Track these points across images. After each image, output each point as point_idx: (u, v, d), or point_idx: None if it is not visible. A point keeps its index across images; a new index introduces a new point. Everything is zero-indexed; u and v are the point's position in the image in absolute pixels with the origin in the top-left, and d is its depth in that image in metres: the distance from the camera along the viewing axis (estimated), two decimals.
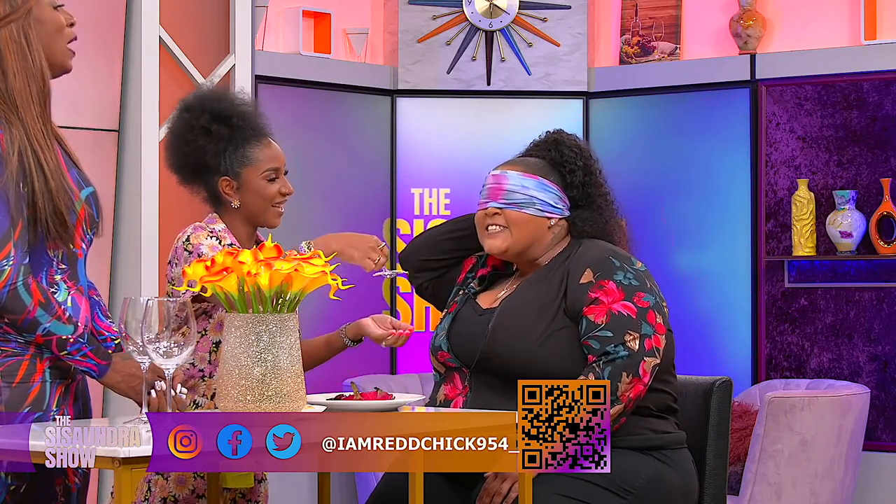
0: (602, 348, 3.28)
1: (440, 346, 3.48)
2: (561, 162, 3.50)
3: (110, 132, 4.80)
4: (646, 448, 3.34)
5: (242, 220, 3.37)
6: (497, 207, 3.45)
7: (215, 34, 5.03)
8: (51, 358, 2.88)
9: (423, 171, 6.30)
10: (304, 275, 2.72)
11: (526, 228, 3.45)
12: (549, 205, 3.45)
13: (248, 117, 3.38)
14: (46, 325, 2.82)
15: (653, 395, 3.37)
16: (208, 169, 3.34)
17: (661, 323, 3.34)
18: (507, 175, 3.47)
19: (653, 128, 6.23)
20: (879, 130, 5.78)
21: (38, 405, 2.86)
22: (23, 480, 2.84)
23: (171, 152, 3.40)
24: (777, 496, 5.24)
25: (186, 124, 3.35)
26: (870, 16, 5.80)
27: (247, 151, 3.35)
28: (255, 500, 3.37)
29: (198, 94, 3.43)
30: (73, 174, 2.94)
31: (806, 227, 5.84)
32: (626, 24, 6.36)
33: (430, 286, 3.65)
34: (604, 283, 3.34)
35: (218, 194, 3.36)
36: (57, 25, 2.95)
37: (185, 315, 2.73)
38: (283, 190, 3.38)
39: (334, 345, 3.44)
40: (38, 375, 2.86)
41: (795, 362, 5.92)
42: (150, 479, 3.28)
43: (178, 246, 3.30)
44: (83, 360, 2.86)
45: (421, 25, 6.31)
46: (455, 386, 3.45)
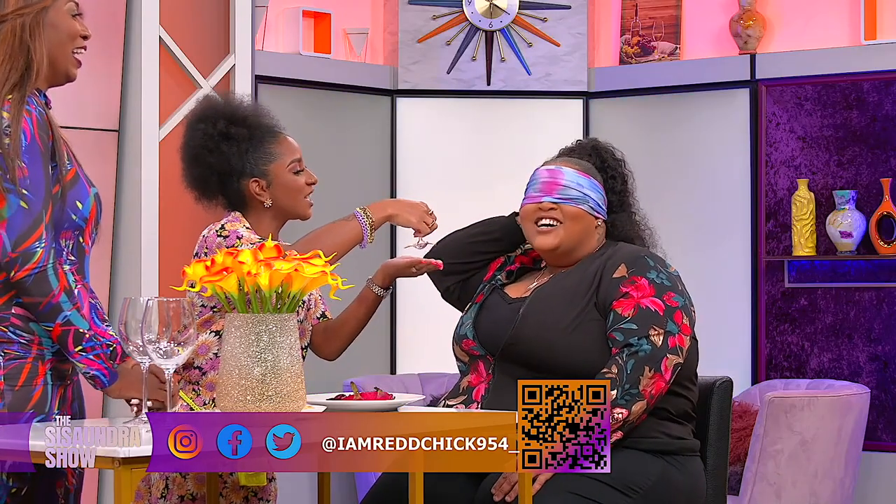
0: (625, 340, 3.29)
1: (465, 335, 3.47)
2: (603, 168, 3.55)
3: (110, 132, 4.80)
4: (659, 451, 3.34)
5: (273, 217, 3.38)
6: (552, 202, 3.45)
7: (215, 34, 5.03)
8: (52, 360, 2.88)
9: (423, 171, 6.30)
10: (304, 275, 2.73)
11: (580, 224, 3.45)
12: (599, 205, 3.48)
13: (259, 116, 3.40)
14: (67, 312, 2.81)
15: (673, 399, 3.37)
16: (234, 173, 3.34)
17: (686, 325, 3.35)
18: (563, 171, 3.48)
19: (653, 128, 6.23)
20: (879, 130, 5.78)
21: (40, 408, 2.86)
22: (24, 482, 2.84)
23: (193, 166, 3.38)
24: (777, 496, 5.24)
25: (204, 134, 3.35)
26: (870, 16, 5.80)
27: (268, 148, 3.37)
28: (266, 498, 3.38)
29: (206, 105, 3.44)
30: (81, 171, 2.95)
31: (806, 227, 5.84)
32: (626, 24, 6.36)
33: (457, 289, 3.65)
34: (636, 279, 3.36)
35: (245, 197, 3.36)
36: (71, 33, 2.95)
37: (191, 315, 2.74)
38: (310, 180, 3.43)
39: (367, 298, 3.42)
40: (40, 378, 2.86)
41: (795, 362, 5.92)
42: (168, 477, 3.28)
43: (207, 236, 3.29)
44: (94, 360, 2.84)
45: (421, 25, 6.31)
46: (479, 374, 3.45)
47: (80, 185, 2.92)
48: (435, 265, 3.38)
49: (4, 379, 2.82)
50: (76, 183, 2.91)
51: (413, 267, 3.37)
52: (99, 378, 2.86)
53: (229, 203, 3.39)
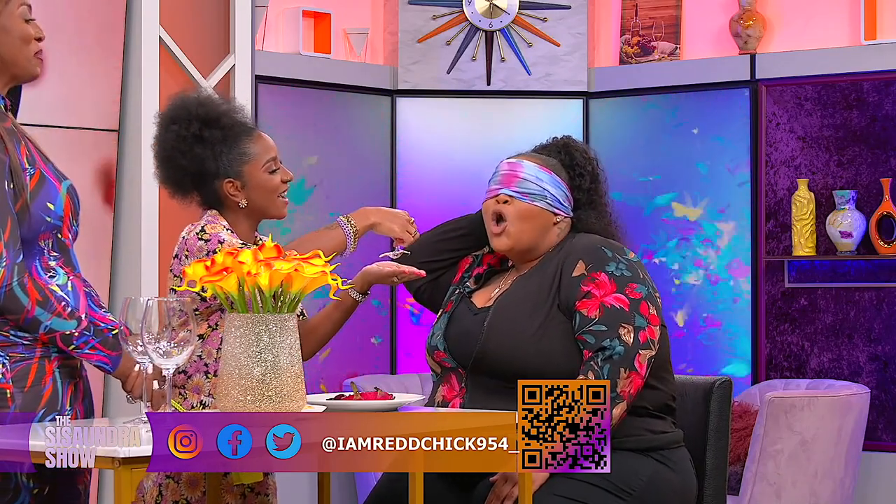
0: (598, 343, 3.28)
1: (437, 346, 3.48)
2: (571, 165, 3.53)
3: (110, 132, 4.80)
4: (644, 449, 3.34)
5: (247, 217, 3.37)
6: (508, 195, 3.46)
7: (215, 34, 5.03)
8: (59, 357, 2.88)
9: (424, 171, 6.30)
10: (304, 275, 2.72)
11: (532, 223, 3.45)
12: (559, 201, 3.47)
13: (233, 115, 3.38)
14: (47, 322, 2.82)
15: (650, 394, 3.37)
16: (208, 175, 3.33)
17: (654, 314, 3.35)
18: (522, 164, 3.48)
19: (653, 128, 6.23)
20: (879, 130, 5.78)
21: (52, 406, 2.86)
22: (44, 483, 2.84)
23: (166, 167, 3.36)
24: (777, 496, 5.24)
25: (177, 136, 3.33)
26: (870, 16, 5.80)
27: (242, 148, 3.35)
28: (264, 493, 3.37)
29: (178, 105, 3.39)
30: (50, 167, 2.94)
31: (806, 227, 5.84)
32: (626, 24, 6.36)
33: (428, 290, 3.64)
34: (596, 276, 3.34)
35: (220, 197, 3.35)
36: (23, 37, 2.94)
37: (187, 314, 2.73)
38: (285, 178, 3.39)
39: (344, 303, 3.34)
40: (48, 377, 2.87)
41: (795, 362, 5.92)
42: (160, 483, 3.27)
43: (188, 238, 3.28)
44: (92, 352, 2.86)
45: (421, 25, 6.31)
46: (452, 387, 3.45)
47: (47, 185, 2.90)
48: (417, 274, 3.35)
49: (13, 382, 2.82)
50: (43, 185, 2.89)
51: (395, 276, 3.32)
52: (102, 367, 2.88)
53: (204, 201, 3.39)
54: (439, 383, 3.48)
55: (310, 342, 3.38)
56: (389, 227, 3.48)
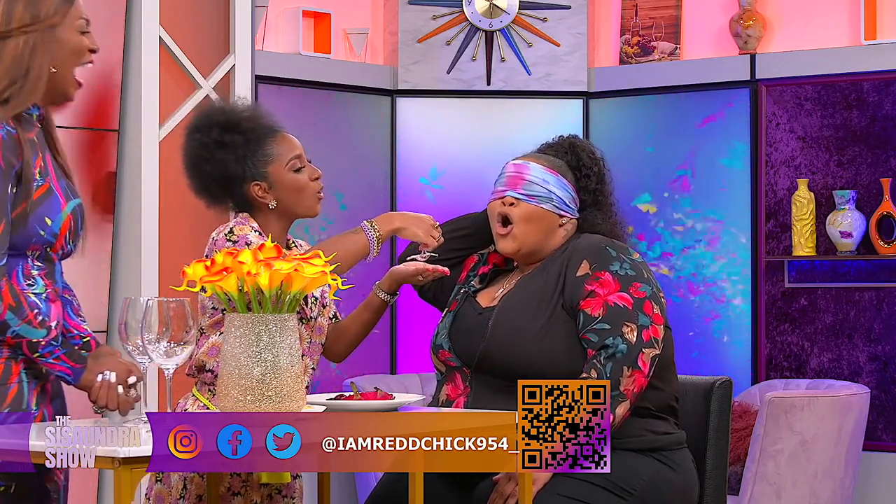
0: (601, 341, 3.28)
1: (441, 345, 3.48)
2: (577, 166, 3.53)
3: (110, 132, 4.80)
4: (645, 449, 3.34)
5: (279, 217, 3.37)
6: (514, 197, 3.46)
7: (215, 34, 5.03)
8: (25, 360, 2.88)
9: (424, 171, 6.30)
10: (304, 275, 2.73)
11: (537, 224, 3.45)
12: (564, 203, 3.47)
13: (255, 119, 3.39)
14: (15, 328, 2.82)
15: (653, 394, 3.36)
16: (234, 179, 3.35)
17: (658, 314, 3.34)
18: (529, 166, 3.48)
19: (653, 128, 6.23)
20: (879, 130, 5.78)
21: (17, 405, 2.86)
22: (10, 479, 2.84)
23: (193, 175, 3.39)
24: (777, 496, 5.24)
25: (199, 144, 3.36)
26: (870, 16, 5.80)
27: (266, 150, 3.36)
28: (290, 495, 3.37)
29: (202, 114, 3.43)
30: (63, 184, 2.93)
31: (806, 227, 5.84)
32: (626, 24, 6.36)
33: (433, 288, 3.64)
34: (600, 275, 3.34)
35: (250, 200, 3.36)
36: (77, 50, 2.93)
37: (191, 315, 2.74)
38: (313, 175, 3.39)
39: (373, 304, 3.43)
40: (14, 377, 2.87)
41: (795, 362, 5.92)
42: (186, 477, 3.28)
43: (217, 238, 3.29)
44: (56, 362, 2.86)
45: (421, 25, 6.31)
46: (457, 386, 3.45)
47: (51, 200, 2.89)
48: (441, 272, 3.40)
49: None
50: (46, 199, 2.88)
51: (420, 275, 3.38)
52: (63, 378, 2.89)
53: (236, 205, 3.41)
54: (444, 382, 3.48)
55: (341, 343, 3.46)
56: (414, 231, 3.48)
